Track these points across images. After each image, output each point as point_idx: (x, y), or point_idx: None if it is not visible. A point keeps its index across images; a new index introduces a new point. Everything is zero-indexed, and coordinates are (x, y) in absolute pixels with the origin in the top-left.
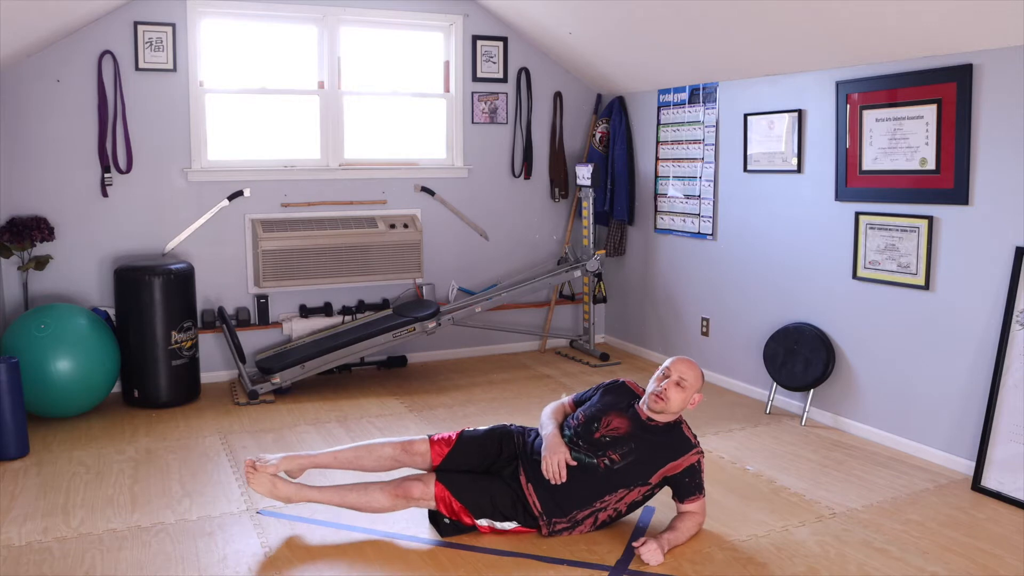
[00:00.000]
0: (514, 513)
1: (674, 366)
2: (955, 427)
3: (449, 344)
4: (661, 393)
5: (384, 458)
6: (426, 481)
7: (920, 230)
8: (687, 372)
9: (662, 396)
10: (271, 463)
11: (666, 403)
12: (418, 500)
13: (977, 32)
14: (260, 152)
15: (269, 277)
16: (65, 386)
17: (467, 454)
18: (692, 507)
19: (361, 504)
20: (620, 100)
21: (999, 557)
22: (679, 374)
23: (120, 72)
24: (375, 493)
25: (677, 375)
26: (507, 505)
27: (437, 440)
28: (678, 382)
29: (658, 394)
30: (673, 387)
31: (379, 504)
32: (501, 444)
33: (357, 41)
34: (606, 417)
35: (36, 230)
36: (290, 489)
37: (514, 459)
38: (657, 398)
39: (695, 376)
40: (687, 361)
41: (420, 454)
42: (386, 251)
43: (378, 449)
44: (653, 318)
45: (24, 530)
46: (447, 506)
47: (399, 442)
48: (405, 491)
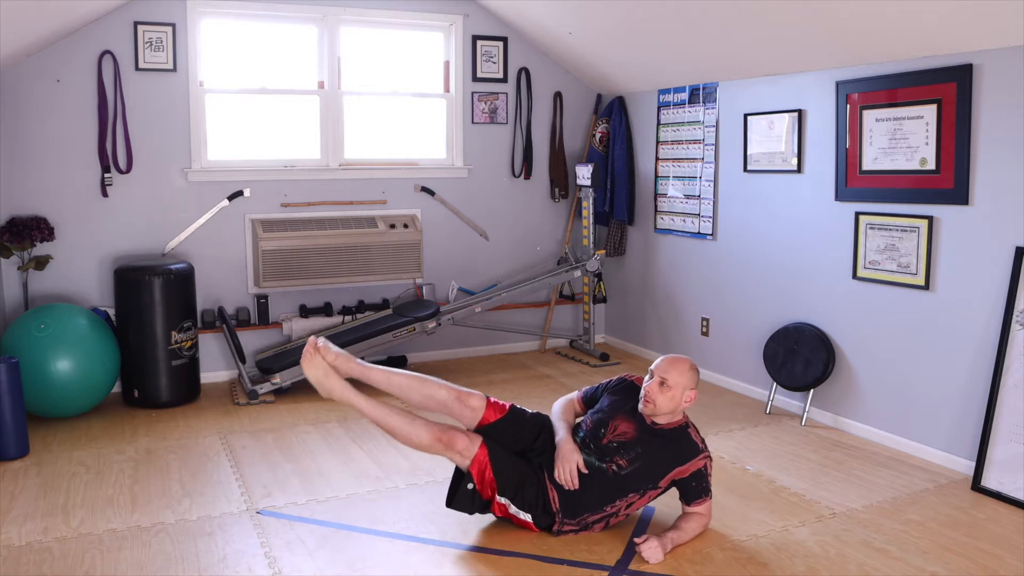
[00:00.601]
0: (534, 506)
1: (658, 367)
2: (955, 427)
3: (449, 344)
4: (645, 397)
5: (435, 399)
6: (472, 439)
7: (920, 230)
8: (670, 371)
9: (647, 399)
10: (332, 350)
11: (653, 405)
12: (457, 453)
13: (977, 32)
14: (260, 152)
15: (269, 277)
16: (65, 386)
17: (513, 428)
18: (698, 509)
19: (401, 431)
20: (620, 100)
21: (999, 557)
22: (661, 374)
23: (120, 72)
24: (420, 427)
25: (660, 375)
26: (531, 495)
27: (492, 404)
28: (661, 382)
29: (643, 397)
30: (656, 389)
31: (418, 439)
32: (540, 432)
33: (357, 41)
34: (613, 421)
35: (36, 230)
36: (339, 385)
37: (546, 450)
38: (644, 402)
39: (680, 373)
40: (672, 359)
41: (472, 408)
42: (386, 251)
43: (432, 386)
44: (653, 318)
45: (24, 530)
46: (480, 471)
47: (455, 389)
48: (450, 439)
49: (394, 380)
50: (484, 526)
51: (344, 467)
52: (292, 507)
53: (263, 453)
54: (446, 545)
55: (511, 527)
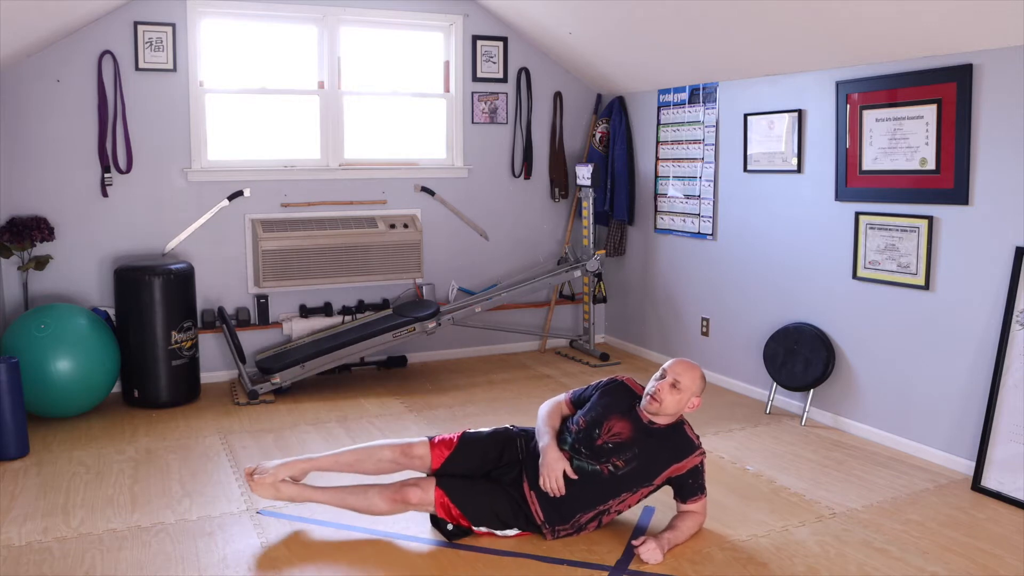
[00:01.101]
0: (515, 520)
1: (672, 367)
2: (955, 427)
3: (449, 344)
4: (655, 394)
5: (384, 461)
6: (424, 487)
7: (920, 230)
8: (684, 374)
9: (656, 397)
10: (269, 472)
11: (660, 404)
12: (416, 505)
13: (977, 32)
14: (260, 152)
15: (269, 277)
16: (65, 386)
17: (468, 457)
18: (694, 507)
19: (361, 508)
20: (620, 100)
21: (999, 557)
22: (675, 375)
23: (120, 72)
24: (374, 498)
25: (673, 376)
26: (507, 513)
27: (437, 443)
28: (673, 383)
29: (652, 395)
30: (667, 388)
31: (378, 509)
32: (503, 449)
33: (357, 41)
34: (607, 422)
35: (36, 230)
36: (293, 491)
37: (516, 465)
38: (651, 399)
39: (692, 378)
40: (686, 363)
41: (419, 457)
42: (386, 251)
43: (377, 452)
44: (653, 318)
45: (24, 530)
46: (447, 511)
47: (398, 444)
48: (404, 496)
49: (342, 460)
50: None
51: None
52: (293, 508)
53: (263, 453)
54: (446, 545)
55: None
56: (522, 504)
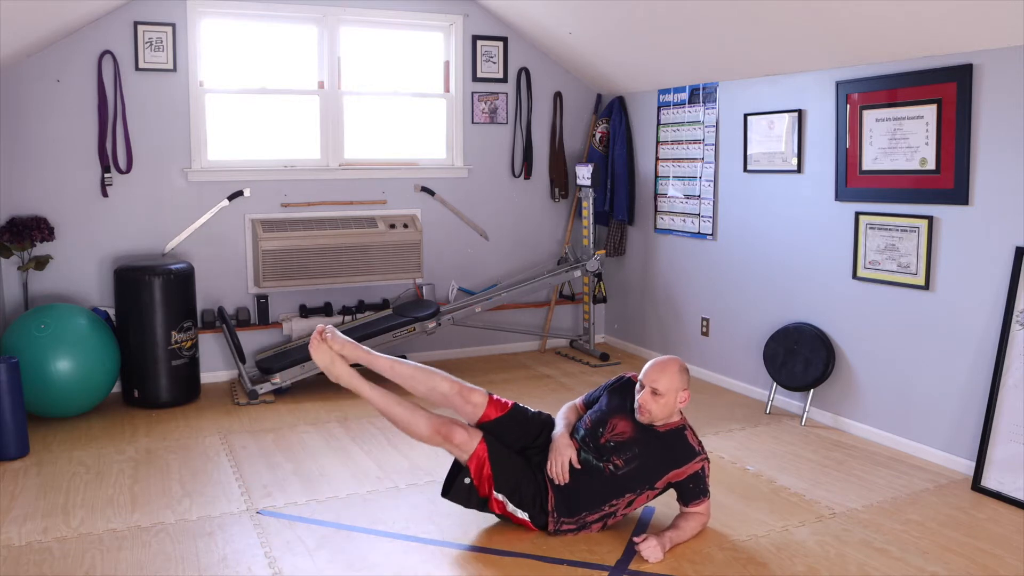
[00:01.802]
0: (532, 505)
1: (646, 375)
2: (955, 427)
3: (449, 344)
4: (640, 408)
5: (438, 391)
6: (472, 434)
7: (920, 230)
8: (659, 379)
9: (643, 410)
10: (339, 338)
11: (648, 414)
12: (456, 446)
13: (977, 32)
14: (260, 152)
15: (269, 277)
16: (65, 386)
17: (513, 426)
18: (697, 509)
19: (402, 419)
20: (620, 100)
21: (999, 557)
22: (651, 384)
23: (120, 72)
24: (420, 418)
25: (650, 385)
26: (528, 495)
27: (494, 400)
28: (653, 391)
29: (639, 408)
30: (649, 398)
31: (418, 429)
32: (541, 431)
33: (357, 41)
34: (611, 421)
35: (36, 230)
36: (346, 372)
37: (546, 450)
38: (640, 411)
39: (669, 379)
40: (659, 365)
41: (473, 404)
42: (386, 251)
43: (436, 379)
44: (653, 318)
45: (24, 530)
46: (478, 466)
47: (459, 383)
48: (449, 432)
49: (398, 369)
50: (484, 526)
51: (344, 467)
52: (292, 507)
53: (263, 453)
54: (446, 545)
55: (511, 527)
56: (542, 489)
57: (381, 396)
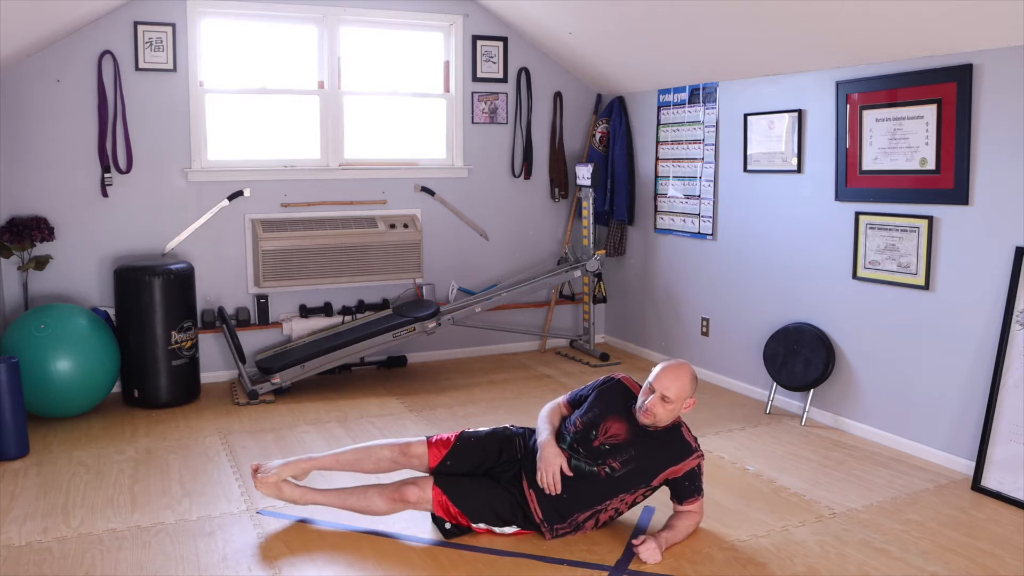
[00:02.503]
0: (513, 518)
1: (658, 381)
2: (955, 427)
3: (449, 344)
4: (648, 410)
5: (383, 460)
6: (422, 485)
7: (920, 230)
8: (671, 387)
9: (649, 413)
10: (273, 471)
11: (654, 419)
12: (415, 504)
13: (977, 32)
14: (260, 152)
15: (269, 277)
16: (65, 386)
17: (466, 456)
18: (691, 507)
19: (361, 508)
20: (620, 100)
21: (999, 557)
22: (662, 390)
23: (120, 72)
24: (374, 498)
25: (661, 391)
26: (506, 511)
27: (435, 442)
28: (663, 398)
29: (645, 410)
30: (659, 403)
31: (377, 508)
32: (501, 447)
33: (357, 41)
34: (604, 423)
35: (36, 230)
36: (295, 492)
37: (515, 463)
38: (645, 413)
39: (680, 388)
40: (672, 373)
41: (417, 456)
42: (386, 251)
43: (377, 451)
44: (653, 318)
45: (24, 530)
46: (445, 510)
47: (397, 444)
48: (402, 495)
49: (342, 459)
50: None
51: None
52: (292, 507)
53: (263, 453)
54: (446, 545)
55: None
56: (521, 502)
57: (334, 497)
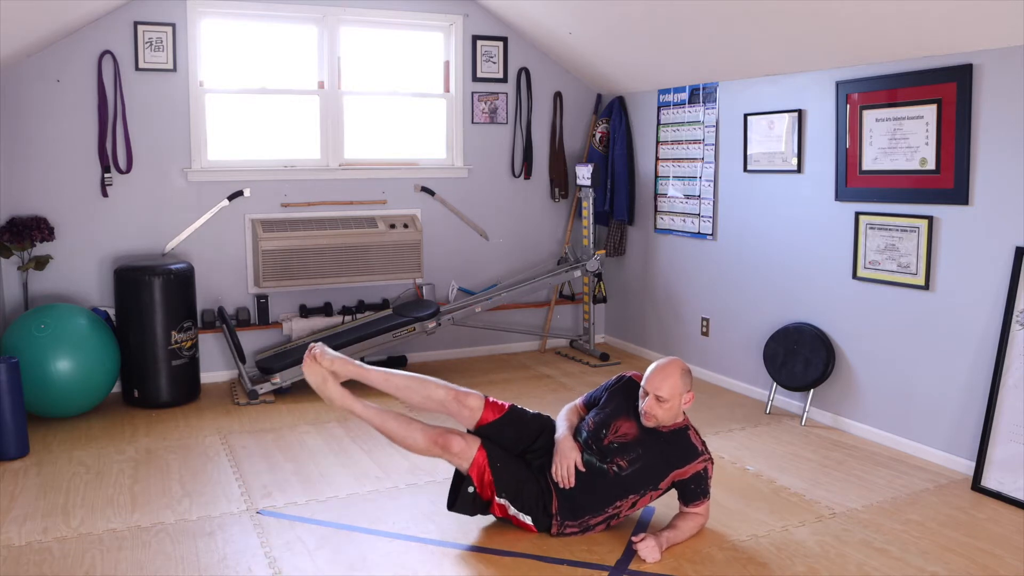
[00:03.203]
0: (534, 508)
1: (649, 383)
2: (955, 427)
3: (449, 344)
4: (646, 415)
5: (433, 399)
6: (470, 442)
7: (920, 230)
8: (662, 386)
9: (648, 416)
10: (329, 355)
11: (654, 419)
12: (454, 456)
13: (977, 32)
14: (260, 152)
15: (269, 277)
16: (65, 386)
17: (511, 428)
18: (696, 510)
19: (398, 434)
20: (620, 100)
21: (999, 557)
22: (654, 391)
23: (120, 72)
24: (416, 431)
25: (653, 392)
26: (531, 497)
27: (490, 403)
28: (657, 398)
29: (644, 414)
30: (654, 404)
31: (414, 442)
32: (540, 433)
33: (357, 41)
34: (615, 422)
35: (36, 230)
36: (338, 393)
37: (547, 453)
38: (646, 417)
39: (672, 385)
40: (661, 372)
41: (470, 408)
42: (386, 251)
43: (431, 387)
44: (653, 318)
45: (24, 530)
46: (479, 473)
47: (453, 389)
48: (446, 442)
49: (392, 381)
50: (484, 526)
51: (344, 467)
52: (292, 507)
53: (263, 453)
54: (446, 545)
55: (511, 527)
56: (545, 493)
57: (375, 413)
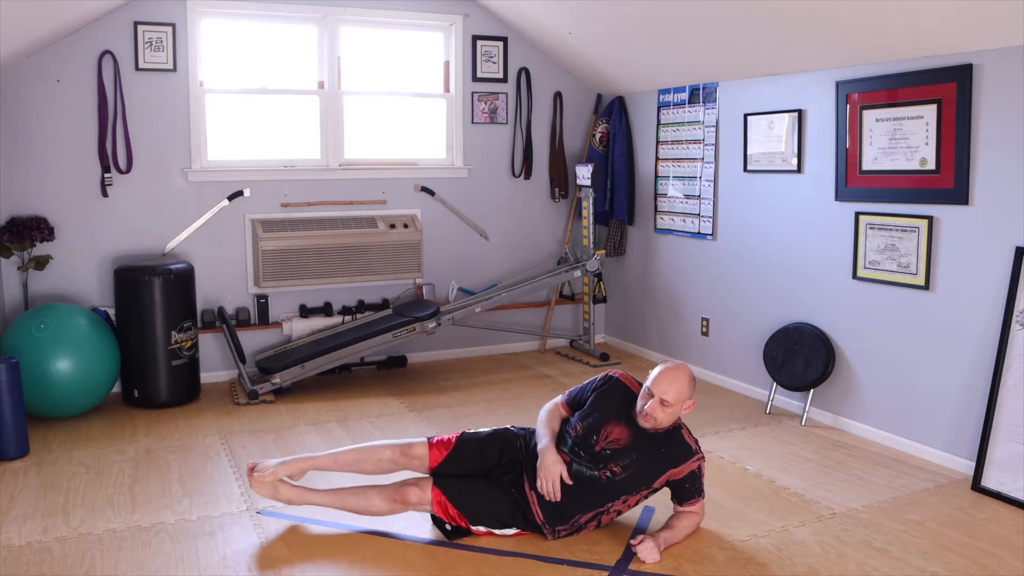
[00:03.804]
0: (513, 520)
1: (656, 385)
2: (955, 427)
3: (449, 344)
4: (648, 414)
5: (383, 461)
6: (423, 486)
7: (920, 230)
8: (670, 390)
9: (649, 417)
10: (269, 470)
11: (654, 422)
12: (415, 505)
13: (977, 32)
14: (260, 152)
15: (269, 277)
16: (65, 386)
17: (466, 457)
18: (691, 508)
19: (360, 508)
20: (620, 100)
21: (999, 557)
22: (661, 394)
23: (120, 72)
24: (374, 498)
25: (660, 395)
26: (506, 513)
27: (436, 443)
28: (662, 402)
29: (645, 415)
30: (658, 407)
31: (377, 509)
32: (503, 449)
33: (357, 41)
34: (605, 428)
35: (36, 230)
36: (292, 493)
37: (516, 464)
38: (646, 418)
39: (679, 390)
40: (670, 375)
41: (418, 457)
42: (386, 251)
43: (378, 452)
44: (653, 318)
45: (24, 530)
46: (444, 510)
47: (398, 445)
48: (403, 496)
49: (341, 459)
50: None
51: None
52: (293, 507)
53: (263, 453)
54: (446, 545)
55: None
56: (521, 503)
57: (333, 497)
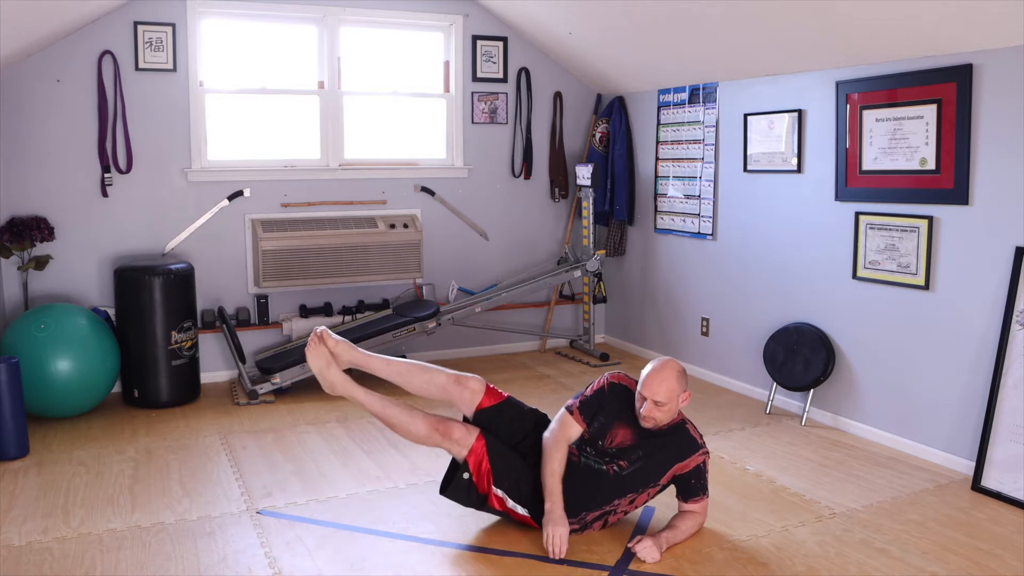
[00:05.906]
0: (531, 502)
1: (646, 388)
2: (955, 427)
3: (449, 344)
4: (646, 419)
5: (434, 383)
6: (469, 430)
7: (920, 230)
8: (659, 390)
9: (647, 419)
10: (333, 338)
11: (654, 423)
12: (454, 443)
13: (977, 32)
14: (260, 152)
15: (269, 277)
16: (65, 386)
17: (506, 417)
18: (695, 507)
19: (400, 421)
20: (620, 100)
21: (999, 557)
22: (652, 396)
23: (120, 72)
24: (417, 417)
25: (651, 397)
26: (528, 491)
27: (491, 389)
28: (655, 403)
29: (643, 419)
30: (653, 408)
31: (416, 429)
32: (535, 427)
33: (357, 41)
34: (611, 432)
35: (36, 230)
36: (340, 378)
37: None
38: (645, 422)
39: (669, 388)
40: (657, 376)
41: (471, 390)
42: (386, 251)
43: (432, 373)
44: (653, 318)
45: (24, 530)
46: (476, 461)
47: (454, 373)
48: (447, 429)
49: (393, 367)
50: (484, 526)
51: (344, 467)
52: (292, 507)
53: (263, 453)
54: (446, 545)
55: (511, 526)
56: (540, 488)
57: (376, 400)
